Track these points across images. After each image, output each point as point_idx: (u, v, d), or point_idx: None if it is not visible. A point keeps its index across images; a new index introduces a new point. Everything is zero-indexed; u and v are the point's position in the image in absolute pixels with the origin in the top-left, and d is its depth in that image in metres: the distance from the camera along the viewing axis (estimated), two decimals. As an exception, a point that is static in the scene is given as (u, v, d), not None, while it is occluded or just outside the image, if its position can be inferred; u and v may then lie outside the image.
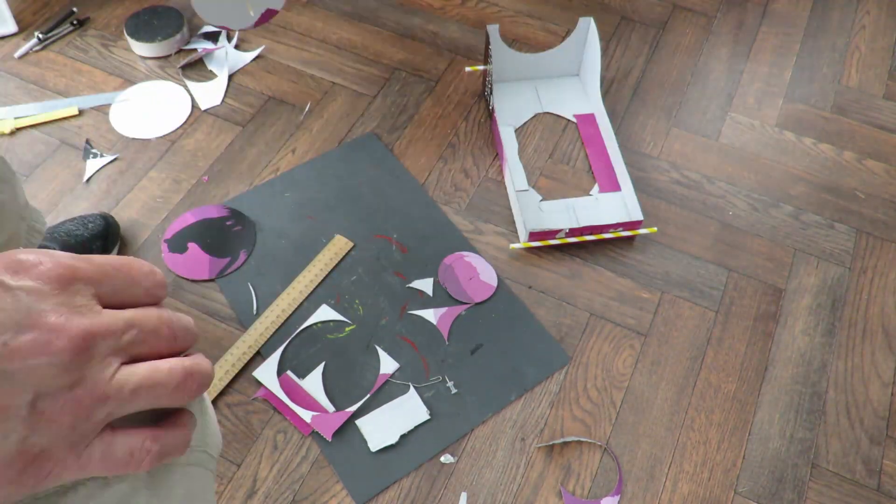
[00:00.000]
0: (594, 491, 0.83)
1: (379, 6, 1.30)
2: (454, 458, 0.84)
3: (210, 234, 0.99)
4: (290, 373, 0.88)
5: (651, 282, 0.98)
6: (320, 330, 0.92)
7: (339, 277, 0.96)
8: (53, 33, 1.22)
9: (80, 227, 0.92)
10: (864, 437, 0.87)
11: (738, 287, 0.98)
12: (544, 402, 0.88)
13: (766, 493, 0.83)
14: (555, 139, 1.12)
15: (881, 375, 0.91)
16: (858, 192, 1.08)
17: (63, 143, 1.09)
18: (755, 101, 1.19)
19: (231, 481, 0.82)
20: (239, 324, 0.92)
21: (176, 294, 0.94)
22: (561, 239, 0.98)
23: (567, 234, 0.98)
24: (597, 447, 0.85)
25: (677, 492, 0.83)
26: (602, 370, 0.91)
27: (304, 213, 1.02)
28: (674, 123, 1.16)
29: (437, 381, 0.88)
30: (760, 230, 1.04)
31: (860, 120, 1.17)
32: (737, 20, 1.31)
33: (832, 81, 1.22)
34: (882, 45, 1.27)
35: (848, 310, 0.97)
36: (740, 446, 0.86)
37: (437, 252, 0.99)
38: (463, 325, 0.93)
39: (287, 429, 0.85)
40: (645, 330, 0.94)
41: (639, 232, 1.00)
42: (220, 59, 1.20)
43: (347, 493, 0.81)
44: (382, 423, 0.85)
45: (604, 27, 1.28)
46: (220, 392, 0.87)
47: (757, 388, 0.90)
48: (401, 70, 1.20)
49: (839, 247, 1.03)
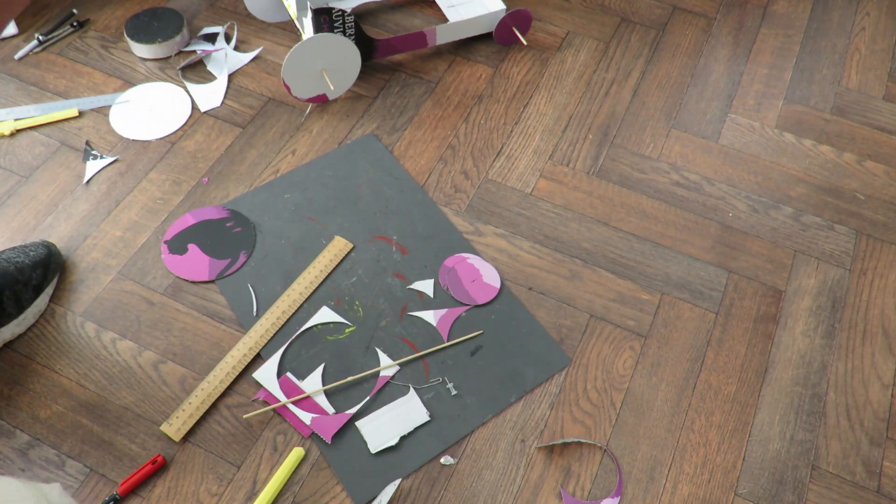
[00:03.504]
0: (594, 492, 0.83)
1: (378, 7, 1.30)
2: (454, 459, 0.84)
3: (210, 236, 0.99)
4: (289, 374, 0.88)
5: (651, 283, 0.98)
6: (320, 331, 0.92)
7: (339, 279, 0.96)
8: (53, 35, 1.22)
9: (21, 255, 0.91)
10: (865, 438, 0.87)
11: (739, 288, 0.98)
12: (544, 403, 0.88)
13: (766, 494, 0.83)
14: (554, 140, 1.12)
15: (881, 377, 0.92)
16: (858, 193, 1.08)
17: (63, 144, 1.09)
18: (755, 102, 1.19)
19: (231, 483, 0.82)
20: (239, 325, 0.92)
21: (176, 295, 0.94)
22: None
23: None
24: (597, 448, 0.85)
25: (677, 493, 0.83)
26: (602, 372, 0.91)
27: (304, 214, 1.02)
28: (674, 125, 1.16)
29: (437, 383, 0.88)
30: (760, 232, 1.04)
31: (860, 121, 1.17)
32: (736, 22, 1.31)
33: (832, 83, 1.22)
34: (882, 47, 1.27)
35: (848, 311, 0.97)
36: (740, 448, 0.86)
37: (437, 253, 0.99)
38: (463, 326, 0.93)
39: (287, 430, 0.85)
40: (645, 331, 0.94)
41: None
42: (219, 61, 1.20)
43: (347, 494, 0.81)
44: (382, 424, 0.85)
45: (604, 28, 1.29)
46: (220, 394, 0.87)
47: (757, 389, 0.90)
48: (401, 71, 1.20)
49: (839, 248, 1.03)
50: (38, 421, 0.85)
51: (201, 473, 0.82)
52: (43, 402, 0.86)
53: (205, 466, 0.83)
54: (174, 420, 0.84)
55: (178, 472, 0.82)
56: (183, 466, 0.83)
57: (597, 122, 1.15)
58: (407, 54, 1.22)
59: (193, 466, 0.83)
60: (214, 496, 0.81)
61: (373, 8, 1.30)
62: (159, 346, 0.91)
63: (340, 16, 1.07)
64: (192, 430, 0.85)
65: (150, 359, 0.90)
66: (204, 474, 0.82)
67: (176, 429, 0.84)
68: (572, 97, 1.19)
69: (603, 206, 1.06)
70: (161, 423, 0.85)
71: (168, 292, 0.95)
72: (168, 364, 0.89)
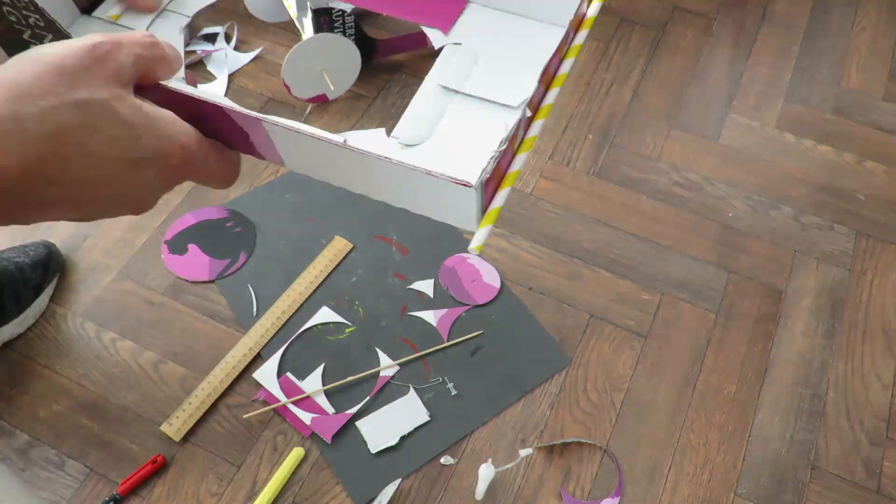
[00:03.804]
0: (594, 493, 0.83)
1: (379, 7, 1.30)
2: (454, 459, 0.84)
3: (210, 236, 0.99)
4: (289, 374, 0.88)
5: (651, 283, 0.98)
6: (320, 331, 0.92)
7: (339, 279, 0.96)
8: (53, 34, 1.22)
9: (21, 255, 0.91)
10: (864, 438, 0.87)
11: (739, 289, 0.98)
12: (544, 403, 0.88)
13: (766, 494, 0.83)
14: (554, 140, 1.12)
15: (881, 377, 0.92)
16: (858, 193, 1.08)
17: (63, 144, 1.09)
18: (755, 102, 1.19)
19: (231, 483, 0.82)
20: (239, 325, 0.92)
21: (176, 295, 0.94)
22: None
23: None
24: (597, 449, 0.85)
25: (677, 493, 0.83)
26: (602, 372, 0.91)
27: (303, 214, 1.02)
28: (674, 125, 1.16)
29: (437, 383, 0.88)
30: (760, 232, 1.04)
31: (860, 122, 1.17)
32: (737, 22, 1.31)
33: (832, 83, 1.22)
34: (882, 47, 1.27)
35: (848, 311, 0.97)
36: (740, 448, 0.86)
37: (437, 253, 0.99)
38: (463, 326, 0.93)
39: (287, 430, 0.85)
40: (645, 331, 0.94)
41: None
42: (219, 61, 1.20)
43: (347, 494, 0.81)
44: (382, 424, 0.85)
45: (604, 28, 1.28)
46: (220, 394, 0.87)
47: (757, 389, 0.90)
48: (401, 71, 1.20)
49: (839, 248, 1.03)
50: (38, 421, 0.85)
51: (201, 473, 0.82)
52: (43, 402, 0.86)
53: (205, 466, 0.83)
54: (174, 420, 0.84)
55: (178, 472, 0.82)
56: (183, 466, 0.83)
57: (597, 122, 1.15)
58: (407, 54, 1.22)
59: (193, 466, 0.83)
60: (214, 496, 0.81)
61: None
62: (159, 346, 0.91)
63: (340, 16, 1.07)
64: (192, 430, 0.85)
65: (151, 359, 0.90)
66: (204, 474, 0.82)
67: (176, 429, 0.84)
68: (572, 97, 1.19)
69: (603, 206, 1.06)
70: (161, 423, 0.85)
71: (168, 292, 0.95)
72: (168, 364, 0.89)
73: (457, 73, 0.48)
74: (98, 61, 0.35)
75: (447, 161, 0.42)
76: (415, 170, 0.39)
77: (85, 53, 0.35)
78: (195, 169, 0.41)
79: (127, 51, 0.37)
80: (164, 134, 0.38)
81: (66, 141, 0.34)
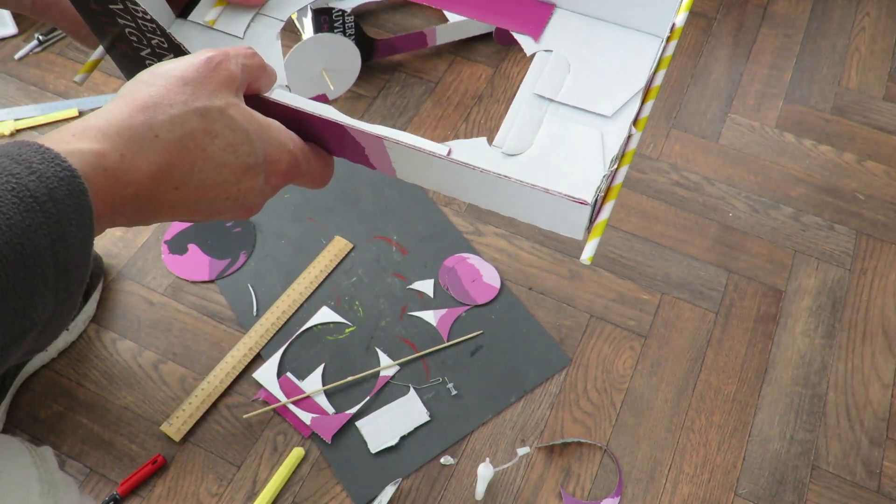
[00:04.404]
0: (594, 492, 0.83)
1: (378, 7, 1.30)
2: (454, 459, 0.84)
3: (210, 236, 0.99)
4: (289, 374, 0.88)
5: (651, 283, 0.98)
6: (320, 331, 0.92)
7: (339, 279, 0.96)
8: (53, 35, 1.22)
9: None
10: (865, 438, 0.87)
11: (738, 288, 0.98)
12: (544, 403, 0.88)
13: (766, 494, 0.83)
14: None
15: (881, 377, 0.92)
16: (858, 193, 1.08)
17: (63, 144, 1.09)
18: (755, 102, 1.19)
19: (231, 483, 0.82)
20: (239, 325, 0.92)
21: (176, 295, 0.94)
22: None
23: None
24: (597, 448, 0.85)
25: (677, 493, 0.83)
26: (602, 372, 0.91)
27: (303, 214, 1.02)
28: (673, 125, 1.16)
29: (437, 383, 0.88)
30: (760, 232, 1.04)
31: (860, 121, 1.17)
32: (736, 22, 1.31)
33: (832, 83, 1.22)
34: (882, 47, 1.27)
35: (848, 311, 0.97)
36: (740, 448, 0.86)
37: (437, 253, 0.99)
38: (463, 326, 0.93)
39: (287, 430, 0.85)
40: (645, 331, 0.94)
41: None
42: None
43: (347, 494, 0.81)
44: (382, 424, 0.85)
45: (604, 29, 1.28)
46: (220, 394, 0.87)
47: (757, 389, 0.90)
48: (401, 71, 1.20)
49: (839, 248, 1.03)
50: (38, 421, 0.85)
51: (201, 473, 0.82)
52: (43, 402, 0.86)
53: (205, 466, 0.83)
54: (174, 420, 0.84)
55: (178, 472, 0.82)
56: (183, 466, 0.83)
57: (597, 122, 1.15)
58: (407, 54, 1.22)
59: (193, 466, 0.83)
60: (214, 496, 0.81)
61: (373, 8, 1.30)
62: (159, 346, 0.91)
63: (340, 16, 1.07)
64: (192, 430, 0.85)
65: (150, 359, 0.90)
66: (204, 474, 0.82)
67: (176, 429, 0.84)
68: (572, 97, 1.18)
69: (603, 206, 1.05)
70: (161, 423, 0.85)
71: (168, 292, 0.95)
72: (168, 364, 0.89)
73: (551, 82, 0.49)
74: (212, 71, 0.38)
75: (553, 173, 0.44)
76: (534, 188, 0.42)
77: (202, 65, 0.38)
78: (300, 173, 0.44)
79: (235, 61, 0.40)
80: (274, 140, 0.41)
81: (192, 146, 0.37)
